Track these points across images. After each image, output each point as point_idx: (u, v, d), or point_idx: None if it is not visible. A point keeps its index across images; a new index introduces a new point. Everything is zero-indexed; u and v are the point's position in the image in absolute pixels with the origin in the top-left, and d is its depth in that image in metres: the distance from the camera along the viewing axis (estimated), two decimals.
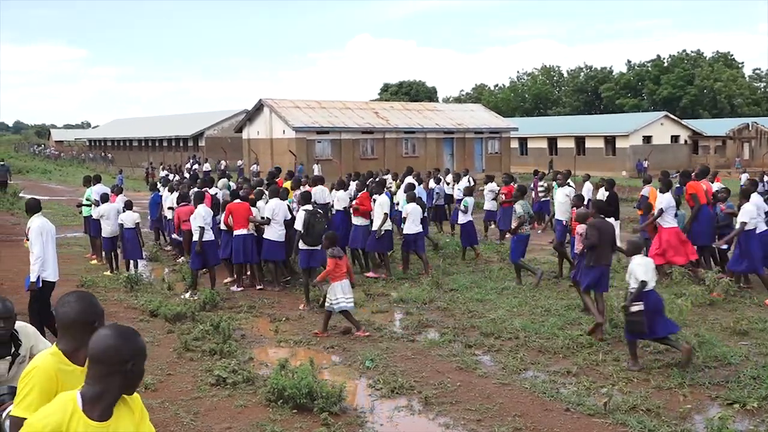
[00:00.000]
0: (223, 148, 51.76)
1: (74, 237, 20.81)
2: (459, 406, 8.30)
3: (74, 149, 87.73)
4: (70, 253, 18.46)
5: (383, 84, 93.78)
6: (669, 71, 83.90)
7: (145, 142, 68.66)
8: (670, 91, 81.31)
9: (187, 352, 10.19)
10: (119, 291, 14.03)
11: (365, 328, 11.39)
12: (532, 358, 9.91)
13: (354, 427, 7.75)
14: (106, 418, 3.24)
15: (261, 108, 44.99)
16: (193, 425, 7.72)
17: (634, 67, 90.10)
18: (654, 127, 55.59)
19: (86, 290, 5.33)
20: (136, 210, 16.43)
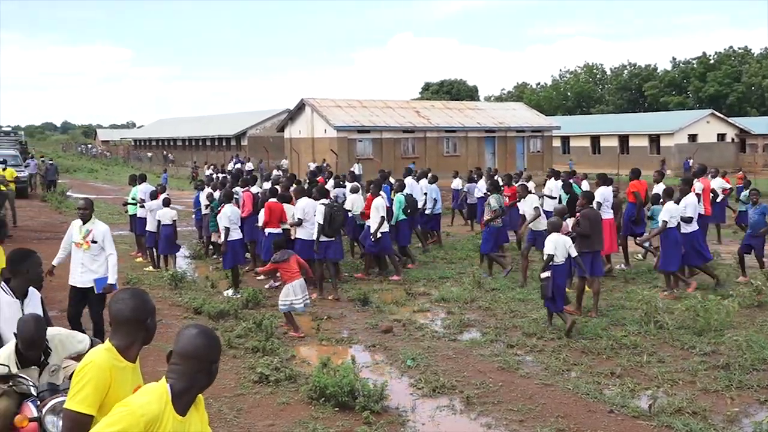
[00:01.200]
0: (265, 147, 52.03)
1: (119, 235, 21.08)
2: (501, 406, 8.26)
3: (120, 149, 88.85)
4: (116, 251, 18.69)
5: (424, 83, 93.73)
6: (715, 68, 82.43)
7: (188, 142, 69.36)
8: (717, 89, 79.87)
9: (230, 349, 10.26)
10: (164, 288, 14.19)
11: (396, 326, 11.53)
12: (575, 359, 9.82)
13: (395, 426, 7.75)
14: (185, 413, 3.33)
15: (303, 107, 45.15)
16: (236, 422, 7.80)
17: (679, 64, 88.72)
18: (700, 125, 54.68)
19: (139, 288, 5.39)
20: (176, 207, 16.72)
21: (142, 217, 17.01)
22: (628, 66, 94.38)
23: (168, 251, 16.27)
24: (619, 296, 13.17)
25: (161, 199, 16.43)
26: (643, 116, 67.57)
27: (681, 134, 53.29)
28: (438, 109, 48.82)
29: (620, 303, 12.68)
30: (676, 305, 12.09)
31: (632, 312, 11.92)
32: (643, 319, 11.22)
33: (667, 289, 13.31)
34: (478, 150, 45.75)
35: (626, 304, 12.58)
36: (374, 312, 12.56)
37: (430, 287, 14.35)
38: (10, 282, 6.27)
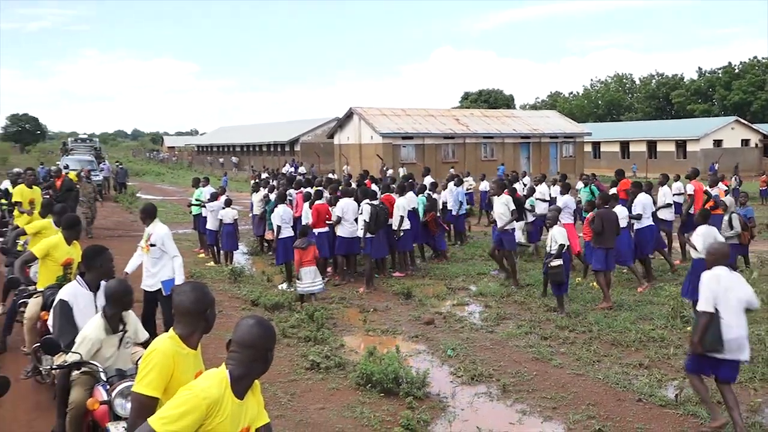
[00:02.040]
0: (316, 152, 52.33)
1: (184, 233, 21.38)
2: (535, 394, 8.20)
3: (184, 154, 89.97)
4: (180, 248, 18.89)
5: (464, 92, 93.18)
6: (740, 77, 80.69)
7: (246, 148, 69.92)
8: (741, 97, 78.20)
9: (284, 338, 10.32)
10: (224, 282, 14.32)
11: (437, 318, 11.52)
12: (605, 351, 9.71)
13: (437, 411, 7.74)
14: (243, 397, 3.36)
15: (351, 116, 45.31)
16: (290, 405, 7.85)
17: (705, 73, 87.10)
18: (725, 131, 53.71)
19: (200, 281, 5.48)
20: (235, 207, 16.91)
21: (205, 216, 17.21)
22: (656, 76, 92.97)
23: (229, 248, 16.44)
24: (647, 293, 12.97)
25: (222, 200, 16.62)
26: (671, 123, 66.54)
27: (706, 140, 52.40)
28: (476, 117, 48.70)
29: (648, 299, 12.49)
30: None
31: (659, 307, 11.75)
32: (670, 314, 11.08)
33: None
34: (514, 155, 45.47)
35: (654, 299, 12.40)
36: (417, 305, 12.55)
37: (469, 282, 14.29)
38: (85, 276, 6.38)
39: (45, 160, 49.38)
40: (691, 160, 50.61)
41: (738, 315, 6.71)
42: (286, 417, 7.49)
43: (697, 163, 49.00)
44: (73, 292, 6.22)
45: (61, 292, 6.28)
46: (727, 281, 6.77)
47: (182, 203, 27.47)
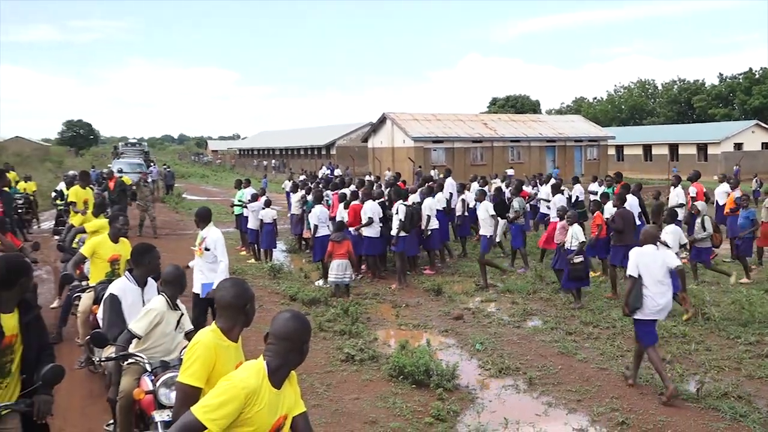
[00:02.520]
0: (351, 155, 52.45)
1: (226, 232, 21.51)
2: (561, 387, 8.14)
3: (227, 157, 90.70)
4: None
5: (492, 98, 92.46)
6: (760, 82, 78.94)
7: (285, 151, 70.33)
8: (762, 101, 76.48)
9: (321, 332, 10.37)
10: (264, 278, 14.41)
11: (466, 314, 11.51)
12: (628, 346, 9.58)
13: (465, 402, 7.72)
14: (280, 387, 3.38)
15: (384, 120, 45.36)
16: (326, 395, 7.88)
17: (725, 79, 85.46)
18: (745, 134, 52.76)
19: (240, 277, 5.55)
20: (275, 208, 17.01)
21: (246, 216, 17.33)
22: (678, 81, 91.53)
23: (268, 246, 16.55)
24: None
25: (262, 201, 16.72)
26: (692, 127, 65.42)
27: (727, 143, 51.55)
28: (504, 122, 48.48)
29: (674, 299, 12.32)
30: (722, 299, 11.72)
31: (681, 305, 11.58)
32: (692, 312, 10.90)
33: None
34: (540, 158, 45.21)
35: (675, 297, 12.21)
36: (447, 301, 12.52)
37: (497, 280, 14.22)
38: (133, 272, 6.47)
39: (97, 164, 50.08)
40: (712, 162, 49.85)
41: (658, 284, 7.85)
42: (322, 406, 7.52)
43: (717, 165, 48.31)
44: (123, 288, 6.30)
45: (111, 287, 6.36)
46: (652, 256, 7.93)
47: (225, 204, 27.66)
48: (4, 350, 4.47)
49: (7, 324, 4.45)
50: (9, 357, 4.51)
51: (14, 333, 4.52)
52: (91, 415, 7.28)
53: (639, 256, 7.98)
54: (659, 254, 8.05)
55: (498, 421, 7.21)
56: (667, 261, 7.95)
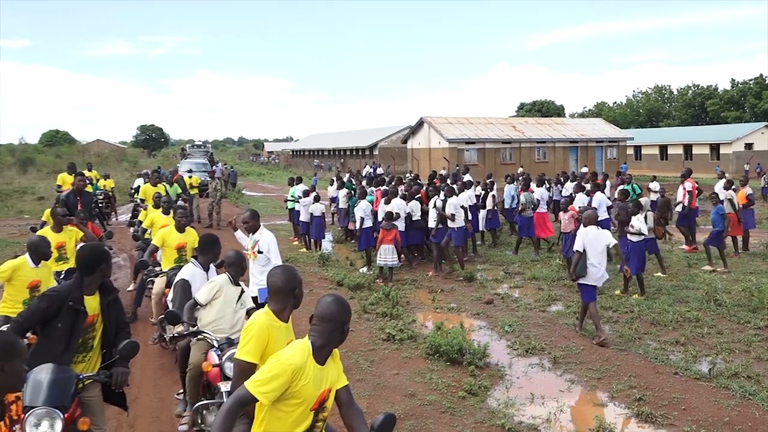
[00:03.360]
0: (392, 156, 52.41)
1: (281, 224, 21.71)
2: (582, 366, 8.04)
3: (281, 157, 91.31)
4: (278, 237, 19.20)
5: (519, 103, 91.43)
6: None
7: (332, 152, 70.54)
8: None
9: (364, 314, 10.40)
10: (314, 265, 14.48)
11: (496, 299, 11.41)
12: (645, 329, 9.44)
13: (495, 379, 7.68)
14: (324, 363, 3.39)
15: (422, 124, 45.17)
16: (370, 371, 7.90)
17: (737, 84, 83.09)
18: (755, 135, 51.21)
19: (290, 264, 5.58)
20: (324, 203, 17.07)
21: (298, 210, 17.43)
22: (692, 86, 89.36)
23: (317, 237, 16.64)
24: (683, 278, 12.55)
25: (312, 196, 16.81)
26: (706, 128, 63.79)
27: (738, 143, 50.13)
28: (531, 124, 47.89)
29: (684, 284, 12.08)
30: (733, 286, 11.45)
31: (694, 291, 11.36)
32: (704, 298, 10.69)
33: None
34: (564, 157, 44.56)
35: (689, 285, 11.98)
36: (478, 287, 12.46)
37: (524, 268, 14.08)
38: (198, 258, 6.57)
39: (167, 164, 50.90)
40: (723, 161, 48.63)
41: (600, 257, 8.99)
42: (366, 381, 7.55)
43: (729, 164, 47.11)
44: (192, 273, 6.42)
45: (182, 273, 6.47)
46: (594, 235, 9.00)
47: (279, 199, 27.93)
48: (87, 328, 4.59)
49: (90, 305, 4.56)
50: (91, 334, 4.63)
51: (96, 313, 4.63)
52: (162, 385, 7.42)
53: (584, 235, 9.00)
54: (600, 234, 9.07)
55: (525, 396, 7.16)
56: (606, 240, 9.02)
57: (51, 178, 33.04)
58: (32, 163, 46.56)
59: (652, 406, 6.76)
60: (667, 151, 55.23)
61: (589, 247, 8.95)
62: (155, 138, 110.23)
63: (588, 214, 9.36)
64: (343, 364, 3.69)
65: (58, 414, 4.04)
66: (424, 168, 40.61)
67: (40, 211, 22.44)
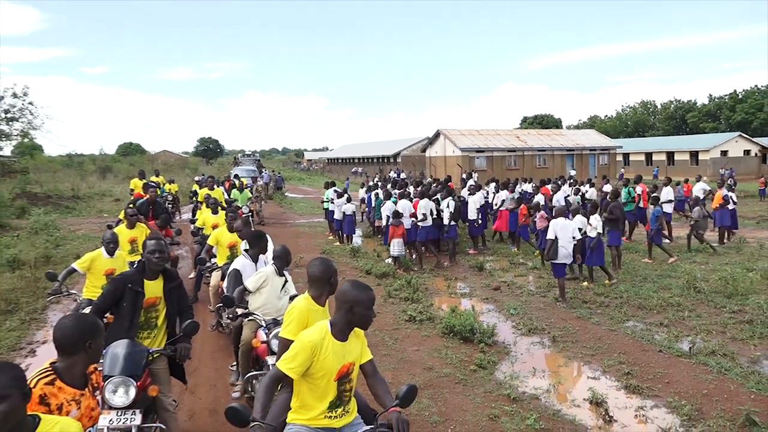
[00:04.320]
0: (413, 163, 52.30)
1: (318, 222, 21.80)
2: (578, 344, 7.96)
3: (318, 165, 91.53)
4: (315, 232, 19.35)
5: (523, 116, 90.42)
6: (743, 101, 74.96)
7: (361, 159, 70.54)
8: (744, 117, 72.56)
9: (389, 298, 10.40)
10: (346, 256, 14.50)
11: (503, 286, 11.29)
12: (632, 313, 9.31)
13: (502, 355, 7.63)
14: (344, 339, 3.37)
15: (438, 135, 45.02)
16: (394, 347, 7.90)
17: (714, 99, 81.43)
18: (730, 144, 50.16)
19: (326, 256, 5.57)
20: (354, 203, 17.06)
21: (332, 209, 17.46)
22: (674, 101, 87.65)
23: (349, 232, 16.64)
24: (666, 268, 12.34)
25: (345, 198, 16.83)
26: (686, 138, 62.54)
27: (715, 150, 49.17)
28: (532, 135, 47.46)
29: (667, 273, 11.88)
30: (711, 275, 11.23)
31: (676, 280, 11.15)
32: (685, 285, 10.48)
33: None
34: (561, 164, 44.08)
35: (671, 274, 11.77)
36: (487, 275, 12.37)
37: (527, 259, 13.96)
38: (249, 251, 6.61)
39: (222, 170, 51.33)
40: (702, 166, 47.72)
41: (568, 242, 9.83)
42: (391, 356, 7.55)
43: (707, 168, 46.24)
44: (243, 264, 6.44)
45: (235, 263, 6.49)
46: (563, 224, 9.88)
47: (317, 200, 28.01)
48: (148, 308, 4.66)
49: (150, 288, 4.66)
50: (154, 314, 4.71)
51: (158, 296, 4.69)
52: (218, 358, 7.50)
53: (555, 224, 9.83)
54: (570, 223, 10.06)
55: (528, 369, 7.11)
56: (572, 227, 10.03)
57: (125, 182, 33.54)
58: (110, 170, 47.31)
59: (639, 380, 6.66)
60: (652, 158, 54.39)
61: (559, 234, 9.76)
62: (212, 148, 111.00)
63: (558, 208, 10.28)
64: (370, 341, 3.69)
65: (132, 382, 4.12)
66: (441, 173, 40.45)
67: (117, 211, 22.84)
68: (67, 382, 3.00)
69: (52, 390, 2.95)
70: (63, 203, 26.65)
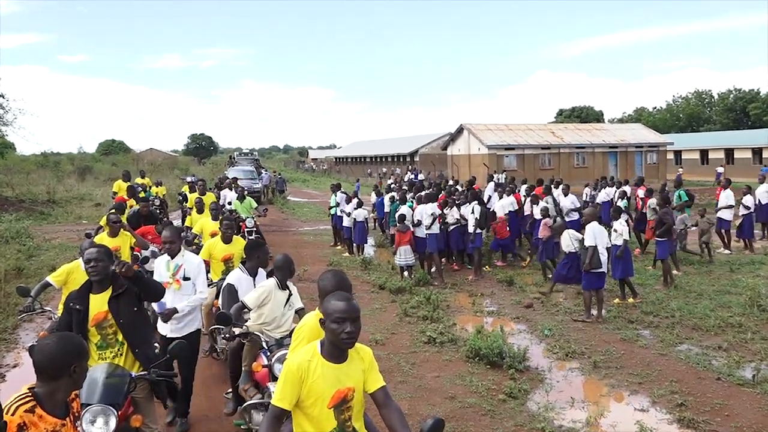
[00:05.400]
0: (432, 162, 52.31)
1: (325, 229, 21.84)
2: (623, 370, 7.87)
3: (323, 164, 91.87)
4: (321, 241, 19.37)
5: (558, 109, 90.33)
6: None
7: (374, 158, 70.66)
8: None
9: (406, 317, 10.38)
10: (356, 269, 14.51)
11: (536, 303, 11.26)
12: (686, 334, 9.20)
13: (535, 382, 7.57)
14: (339, 361, 3.34)
15: (461, 131, 44.98)
16: (411, 373, 7.87)
17: None
18: None
19: (339, 269, 5.52)
20: (366, 208, 17.06)
21: (341, 215, 17.46)
22: (733, 90, 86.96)
23: (360, 241, 16.63)
24: (725, 283, 12.19)
25: (355, 202, 16.81)
26: (747, 132, 61.92)
27: None
28: (570, 130, 47.25)
29: (726, 289, 11.73)
30: None
31: (737, 296, 11.01)
32: (748, 303, 10.34)
33: None
34: (603, 162, 43.81)
35: (731, 290, 11.63)
36: (518, 291, 12.31)
37: None
38: (245, 264, 6.61)
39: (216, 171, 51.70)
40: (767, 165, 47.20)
41: (604, 248, 10.02)
42: (407, 383, 7.51)
43: None
44: (237, 278, 6.43)
45: (229, 278, 6.49)
46: (600, 229, 9.99)
47: (323, 205, 28.11)
48: (99, 326, 4.67)
49: (95, 303, 4.67)
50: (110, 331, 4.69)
51: (103, 310, 4.68)
52: (211, 386, 7.51)
53: (593, 229, 9.89)
54: (601, 228, 10.10)
55: (565, 400, 7.04)
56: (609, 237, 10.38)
57: (107, 185, 33.87)
58: (90, 171, 47.79)
59: (695, 412, 6.57)
60: (708, 156, 53.93)
61: (599, 240, 9.87)
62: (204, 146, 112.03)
63: (589, 212, 10.36)
64: (383, 366, 3.68)
65: (113, 411, 4.13)
66: (464, 174, 40.43)
67: (98, 217, 23.04)
68: (48, 409, 3.02)
69: (32, 419, 2.97)
70: (37, 208, 26.99)
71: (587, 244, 9.99)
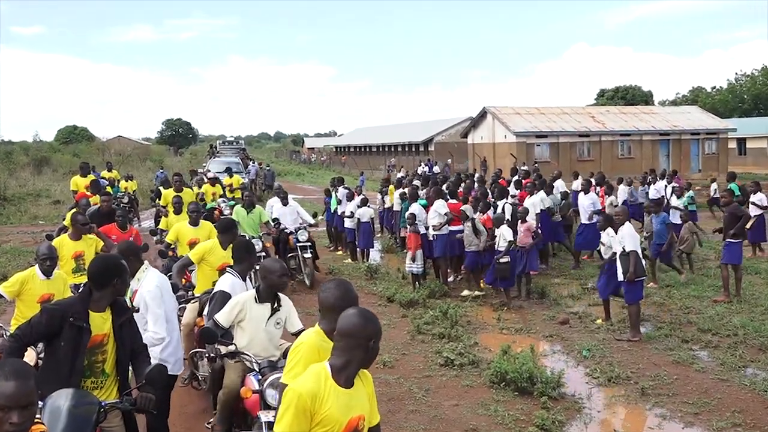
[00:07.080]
0: (450, 152, 52.22)
1: (323, 231, 21.84)
2: (676, 398, 7.87)
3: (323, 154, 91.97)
4: (319, 245, 19.31)
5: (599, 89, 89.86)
6: None
7: (382, 148, 70.64)
8: None
9: (419, 334, 10.40)
10: (361, 279, 14.52)
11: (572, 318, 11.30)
12: (751, 356, 9.18)
13: (572, 412, 7.57)
14: (349, 385, 3.38)
15: (484, 115, 44.96)
16: (425, 401, 7.88)
17: None
18: None
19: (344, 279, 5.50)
20: (371, 206, 17.07)
21: (341, 215, 17.47)
22: None
23: (365, 245, 16.63)
24: None
25: (359, 199, 16.80)
26: None
27: None
28: (613, 114, 47.13)
29: None
30: None
31: None
32: None
33: None
34: (653, 152, 43.66)
35: None
36: (551, 304, 12.31)
37: None
38: (235, 266, 6.64)
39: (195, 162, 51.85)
40: None
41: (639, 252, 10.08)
42: (420, 412, 7.52)
43: None
44: (231, 284, 6.38)
45: (221, 284, 6.41)
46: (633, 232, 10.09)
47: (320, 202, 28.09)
48: (93, 349, 4.62)
49: (96, 323, 4.59)
50: (101, 357, 4.66)
51: (105, 333, 4.64)
52: (189, 416, 7.53)
53: (628, 233, 9.98)
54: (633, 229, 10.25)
55: None
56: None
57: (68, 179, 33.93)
58: (48, 162, 47.98)
59: None
60: None
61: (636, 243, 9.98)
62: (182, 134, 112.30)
63: (621, 210, 10.59)
64: (394, 392, 3.70)
65: None
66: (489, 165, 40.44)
67: (56, 217, 23.20)
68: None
69: None
70: None
71: (629, 248, 9.94)
